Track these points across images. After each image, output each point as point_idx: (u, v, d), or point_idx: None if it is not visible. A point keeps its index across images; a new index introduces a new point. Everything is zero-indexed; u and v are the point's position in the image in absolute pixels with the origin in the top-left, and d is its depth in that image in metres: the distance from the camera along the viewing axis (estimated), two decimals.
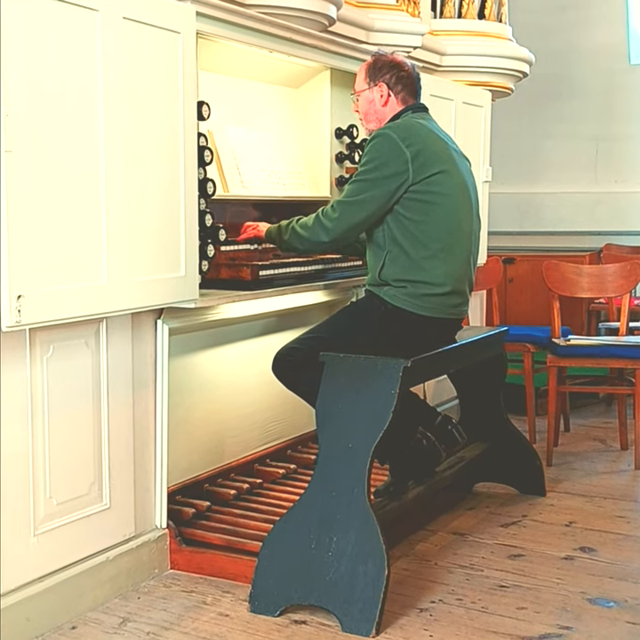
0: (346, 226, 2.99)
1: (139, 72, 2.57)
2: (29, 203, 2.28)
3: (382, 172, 2.95)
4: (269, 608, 2.70)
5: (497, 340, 3.63)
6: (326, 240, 3.03)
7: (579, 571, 3.06)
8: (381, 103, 3.13)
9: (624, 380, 4.73)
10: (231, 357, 3.48)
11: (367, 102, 3.16)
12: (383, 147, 2.97)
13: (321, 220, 3.02)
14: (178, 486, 3.19)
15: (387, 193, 2.96)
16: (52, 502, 2.60)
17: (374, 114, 3.15)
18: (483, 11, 4.87)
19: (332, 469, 2.72)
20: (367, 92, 3.15)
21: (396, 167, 2.95)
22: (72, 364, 2.62)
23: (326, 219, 3.01)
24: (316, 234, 3.03)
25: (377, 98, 3.14)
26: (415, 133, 3.01)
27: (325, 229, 3.01)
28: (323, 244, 3.07)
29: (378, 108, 3.14)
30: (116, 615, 2.70)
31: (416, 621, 2.69)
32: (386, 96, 3.13)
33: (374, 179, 2.95)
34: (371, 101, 3.15)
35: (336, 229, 3.00)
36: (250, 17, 3.05)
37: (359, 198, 2.97)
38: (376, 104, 3.14)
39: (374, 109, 3.15)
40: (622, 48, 6.73)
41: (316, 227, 3.03)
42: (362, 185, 2.98)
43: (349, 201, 2.99)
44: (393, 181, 2.95)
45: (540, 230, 6.90)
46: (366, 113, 3.17)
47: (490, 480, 3.85)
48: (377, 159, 2.97)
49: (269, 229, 3.20)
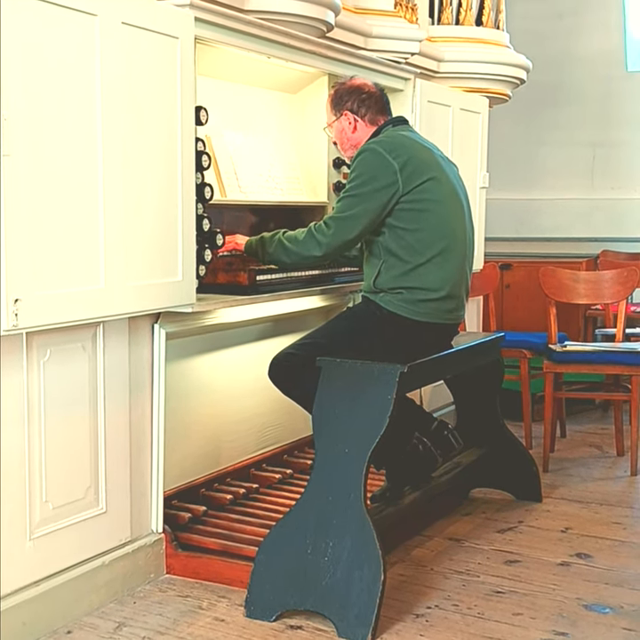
0: (340, 241, 3.01)
1: (137, 77, 2.58)
2: (27, 207, 2.28)
3: (373, 186, 2.96)
4: (265, 613, 2.70)
5: (493, 345, 3.63)
6: (319, 255, 3.04)
7: (575, 577, 3.06)
8: (351, 130, 3.20)
9: (620, 386, 4.73)
10: (228, 362, 3.48)
11: (339, 132, 3.24)
12: (370, 161, 2.99)
13: (314, 236, 3.02)
14: (174, 491, 3.19)
15: (379, 206, 2.97)
16: (47, 506, 2.59)
17: (348, 141, 3.22)
18: (480, 17, 4.89)
19: (329, 474, 2.72)
20: (336, 123, 3.23)
21: (386, 179, 2.96)
22: (69, 368, 2.62)
23: (320, 234, 3.01)
24: (307, 248, 3.04)
25: (346, 126, 3.20)
26: (400, 144, 3.03)
27: (319, 244, 3.01)
28: (313, 259, 3.08)
29: (350, 135, 3.21)
30: (111, 620, 2.69)
31: (412, 627, 2.69)
32: (353, 122, 3.19)
33: (365, 193, 2.97)
34: (341, 131, 3.22)
35: (330, 244, 3.01)
36: (248, 23, 3.05)
37: (352, 213, 2.97)
38: (347, 132, 3.21)
39: (347, 137, 3.22)
40: (619, 55, 6.75)
41: (308, 242, 3.03)
42: (353, 200, 2.99)
43: (343, 216, 2.99)
44: (384, 194, 2.96)
45: (537, 236, 6.91)
46: (341, 142, 3.25)
47: (486, 486, 3.85)
48: (365, 174, 2.98)
49: (249, 241, 3.18)
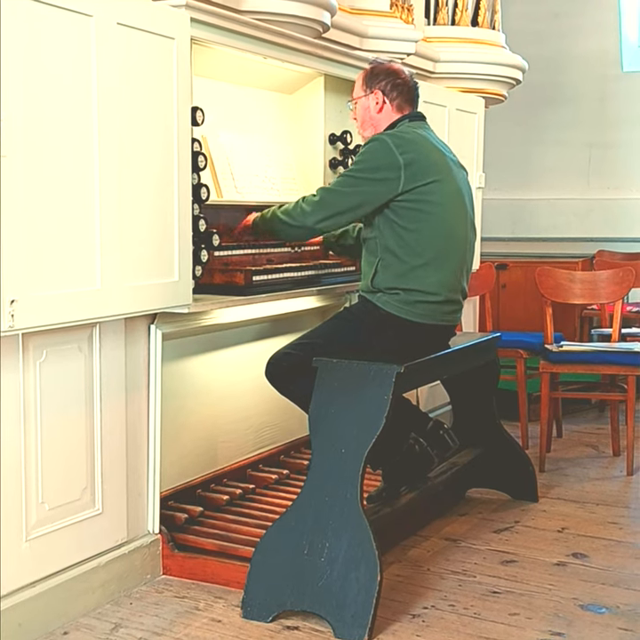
0: (324, 212, 3.02)
1: (133, 77, 2.58)
2: (23, 208, 2.28)
3: (372, 174, 2.97)
4: (262, 614, 2.69)
5: (490, 346, 3.63)
6: (304, 224, 3.06)
7: (571, 577, 3.06)
8: (376, 110, 3.16)
9: (616, 386, 4.73)
10: (224, 362, 3.48)
11: (363, 109, 3.19)
12: (377, 151, 2.99)
13: (300, 205, 3.08)
14: (170, 491, 3.19)
15: (372, 193, 2.97)
16: (44, 507, 2.59)
17: (370, 120, 3.17)
18: (476, 18, 4.90)
19: (325, 475, 2.72)
20: (363, 100, 3.18)
21: (387, 172, 2.96)
22: (65, 369, 2.62)
23: (305, 203, 3.07)
24: (294, 218, 3.08)
25: (372, 105, 3.16)
26: (410, 141, 3.02)
27: (304, 213, 3.05)
28: (301, 230, 3.11)
29: (373, 114, 3.16)
30: (107, 621, 2.69)
31: (408, 627, 2.69)
32: (381, 103, 3.15)
33: (362, 177, 2.98)
34: (366, 108, 3.18)
35: (314, 214, 3.03)
36: (244, 23, 3.05)
37: (342, 189, 3.02)
38: (371, 111, 3.16)
39: (370, 116, 3.17)
40: (615, 55, 6.76)
41: (295, 211, 3.08)
42: (347, 180, 3.03)
43: (331, 189, 3.05)
44: (381, 185, 2.96)
45: (533, 236, 6.92)
46: (363, 120, 3.20)
47: (482, 486, 3.85)
48: (369, 161, 2.99)
49: (255, 218, 3.29)
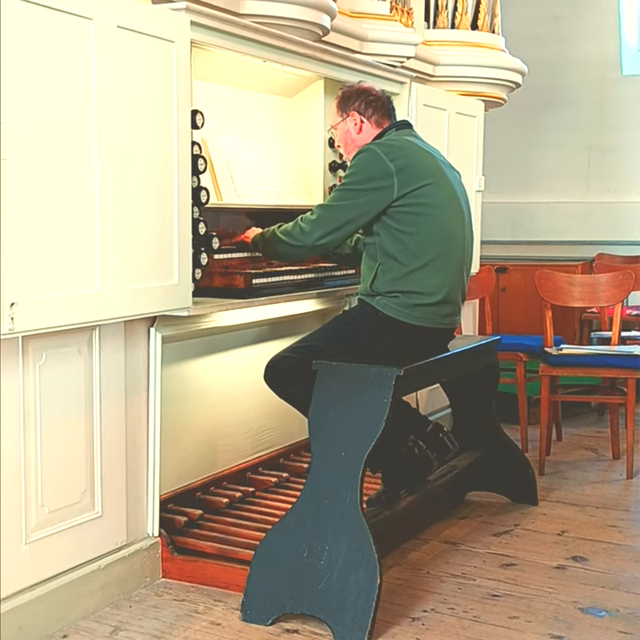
0: (323, 229, 3.01)
1: (133, 81, 2.58)
2: (23, 210, 2.28)
3: (366, 185, 2.97)
4: (261, 617, 2.69)
5: (489, 349, 3.63)
6: (304, 243, 3.03)
7: (571, 580, 3.06)
8: (356, 131, 3.19)
9: (616, 389, 4.73)
10: (224, 365, 3.48)
11: (344, 133, 3.22)
12: (368, 161, 3.00)
13: (299, 224, 3.06)
14: (170, 494, 3.19)
15: (368, 203, 2.98)
16: (43, 510, 2.59)
17: (352, 143, 3.20)
18: (476, 21, 4.90)
19: (325, 478, 2.72)
20: (342, 124, 3.21)
21: (381, 181, 2.97)
22: (65, 372, 2.62)
23: (304, 222, 3.05)
24: (295, 237, 3.05)
25: (351, 127, 3.19)
26: (399, 147, 3.04)
27: (303, 232, 3.03)
28: (303, 249, 3.07)
29: (354, 136, 3.19)
30: (107, 624, 2.69)
31: (408, 630, 2.68)
32: (359, 123, 3.18)
33: (357, 189, 2.98)
34: (347, 132, 3.21)
35: (314, 231, 3.01)
36: (244, 26, 3.06)
37: (339, 204, 3.01)
38: (352, 133, 3.20)
39: (352, 138, 3.20)
40: (614, 59, 6.77)
41: (295, 230, 3.06)
42: (343, 194, 3.02)
43: (328, 205, 3.04)
44: (376, 194, 2.97)
45: (533, 240, 6.92)
46: (345, 143, 3.23)
47: (482, 489, 3.85)
48: (362, 172, 3.00)
49: (255, 236, 3.24)
